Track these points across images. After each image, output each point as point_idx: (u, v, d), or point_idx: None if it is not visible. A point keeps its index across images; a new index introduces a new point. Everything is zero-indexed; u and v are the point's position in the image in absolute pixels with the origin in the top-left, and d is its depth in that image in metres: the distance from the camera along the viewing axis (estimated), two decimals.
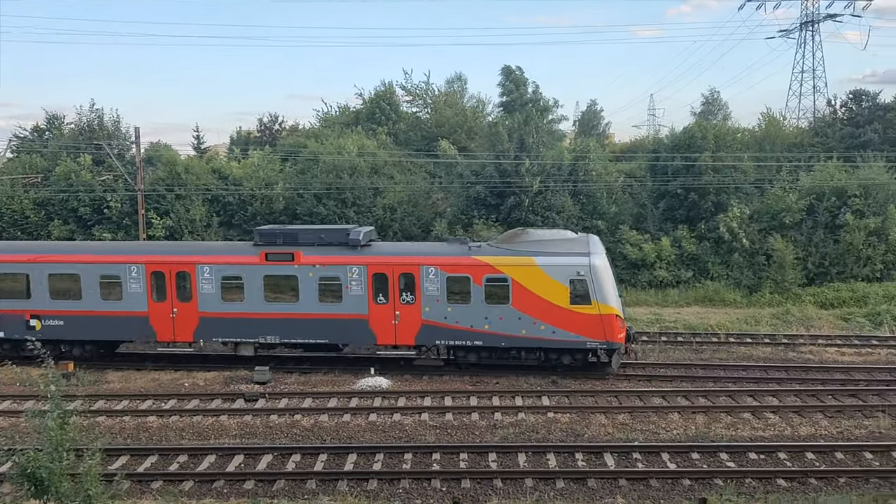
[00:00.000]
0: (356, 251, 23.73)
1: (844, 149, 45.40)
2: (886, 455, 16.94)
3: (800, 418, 19.55)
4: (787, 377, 23.07)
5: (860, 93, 50.31)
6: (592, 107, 78.43)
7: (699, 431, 18.68)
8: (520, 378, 23.31)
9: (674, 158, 41.30)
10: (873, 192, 38.08)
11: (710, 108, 75.96)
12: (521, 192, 39.15)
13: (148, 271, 24.23)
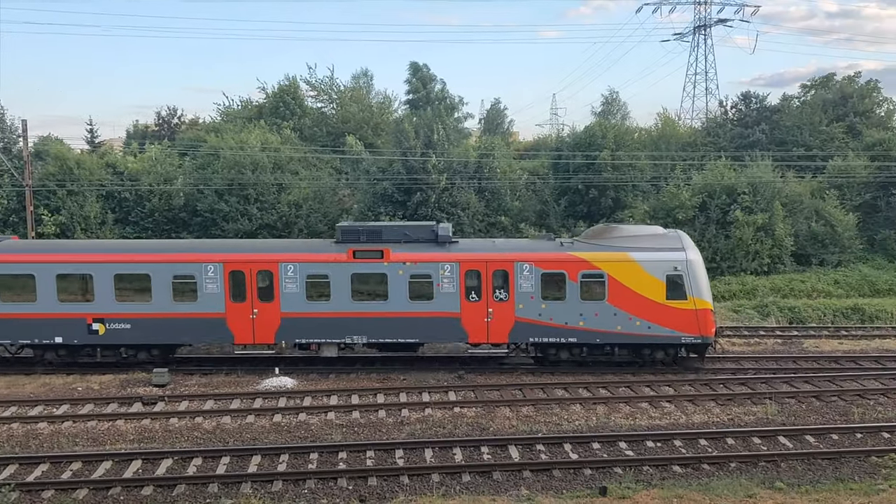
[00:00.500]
0: (445, 248, 23.31)
1: (734, 148, 47.68)
2: (773, 440, 17.86)
3: (694, 406, 20.41)
4: (682, 367, 24.01)
5: (749, 95, 52.90)
6: (496, 105, 79.39)
7: (600, 422, 19.24)
8: (427, 374, 23.44)
9: (575, 157, 42.35)
10: (761, 190, 40.13)
11: (609, 107, 78.19)
12: (427, 189, 39.31)
13: (226, 270, 22.94)
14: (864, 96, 53.15)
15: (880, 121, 53.25)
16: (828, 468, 16.24)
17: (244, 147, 41.50)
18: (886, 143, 46.32)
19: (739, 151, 46.52)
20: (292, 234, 39.39)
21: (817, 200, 41.79)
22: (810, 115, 50.29)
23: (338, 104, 55.32)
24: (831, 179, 43.55)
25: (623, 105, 78.10)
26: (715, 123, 54.23)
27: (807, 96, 56.42)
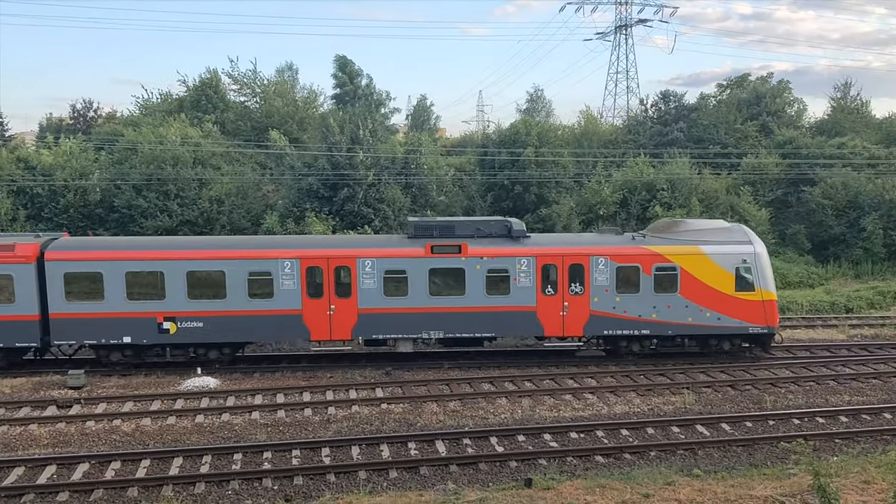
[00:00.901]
0: (520, 242, 23.48)
1: (654, 146, 49.03)
2: (691, 428, 18.46)
3: (616, 397, 20.91)
4: (605, 360, 24.55)
5: (668, 94, 54.48)
6: (423, 101, 79.56)
7: (525, 414, 19.52)
8: (354, 371, 23.33)
9: (500, 153, 42.79)
10: (679, 186, 41.37)
11: (534, 105, 79.34)
12: (354, 185, 39.06)
13: (303, 266, 22.59)
14: (775, 96, 55.39)
15: (791, 120, 55.64)
16: (742, 454, 16.90)
17: (163, 141, 40.37)
18: (796, 141, 48.40)
19: (659, 149, 47.85)
20: (214, 230, 38.55)
21: (732, 196, 43.30)
22: (726, 114, 52.12)
23: (261, 98, 54.39)
24: (745, 176, 45.22)
25: (548, 103, 79.41)
26: (635, 121, 55.64)
27: (722, 96, 58.48)
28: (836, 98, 60.44)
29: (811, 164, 45.38)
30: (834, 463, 16.08)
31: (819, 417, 19.10)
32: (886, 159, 46.23)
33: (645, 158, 44.21)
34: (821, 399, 20.71)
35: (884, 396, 20.90)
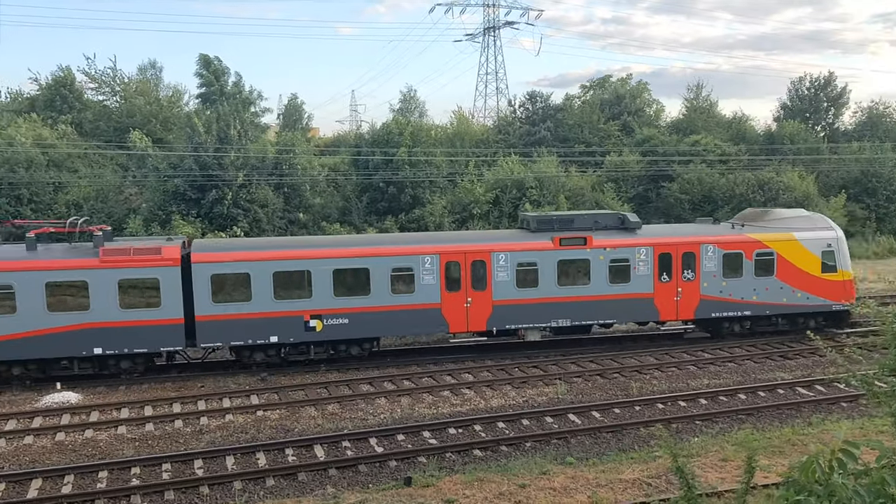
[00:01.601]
0: (636, 234, 24.83)
1: (523, 145, 50.37)
2: (564, 417, 19.08)
3: (492, 391, 21.32)
4: (481, 356, 24.96)
5: (535, 94, 56.07)
6: (294, 100, 78.20)
7: (404, 413, 19.57)
8: (227, 379, 22.65)
9: (374, 153, 42.72)
10: (547, 184, 42.69)
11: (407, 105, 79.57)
12: (223, 186, 37.94)
13: (442, 262, 23.17)
14: (635, 97, 58.13)
15: (649, 119, 58.56)
16: (612, 440, 17.62)
17: (13, 143, 37.76)
18: (655, 139, 50.98)
19: (528, 148, 49.19)
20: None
21: (597, 193, 45.13)
22: (589, 114, 54.23)
23: (122, 97, 51.86)
24: (609, 173, 47.24)
25: (421, 103, 79.79)
26: (505, 122, 56.95)
27: (586, 96, 60.78)
28: (690, 98, 64.15)
29: (669, 161, 47.94)
30: (695, 443, 17.07)
31: (681, 401, 20.17)
32: (735, 156, 49.50)
33: (515, 157, 45.34)
34: (682, 383, 21.89)
35: (738, 378, 22.30)
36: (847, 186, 48.77)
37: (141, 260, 21.43)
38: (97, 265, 21.14)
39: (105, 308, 21.14)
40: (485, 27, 76.00)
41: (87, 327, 21.14)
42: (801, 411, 19.35)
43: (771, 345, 25.65)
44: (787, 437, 17.19)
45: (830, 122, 64.15)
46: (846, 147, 53.94)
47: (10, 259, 21.13)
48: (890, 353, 7.54)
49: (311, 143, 53.54)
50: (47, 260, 21.28)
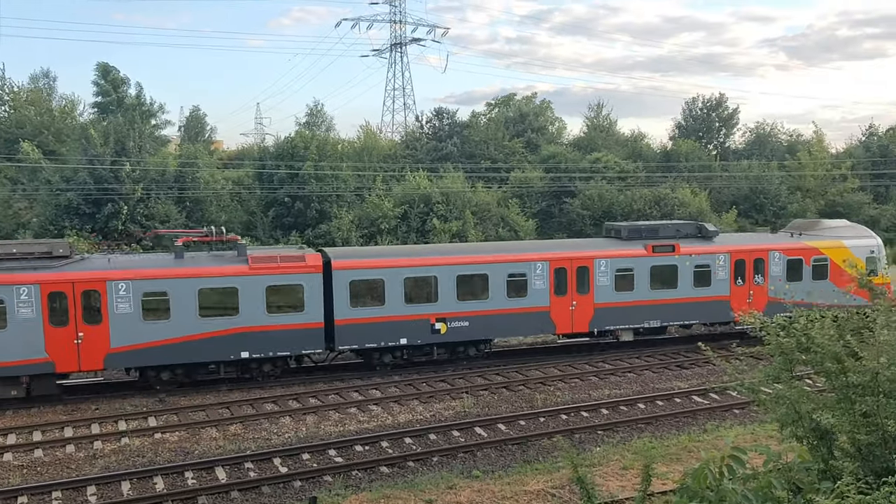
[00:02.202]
0: (714, 241, 27.21)
1: (430, 161, 50.68)
2: (470, 431, 19.20)
3: (399, 407, 21.25)
4: (389, 371, 24.86)
5: (441, 111, 56.62)
6: (197, 112, 76.35)
7: (310, 432, 19.26)
8: (123, 401, 21.73)
9: (279, 167, 42.13)
10: (453, 199, 43.07)
11: (314, 119, 78.90)
12: (120, 200, 36.55)
13: (552, 268, 24.94)
14: (538, 115, 59.50)
15: (552, 137, 60.06)
16: (517, 452, 17.84)
17: None
18: (558, 157, 52.25)
19: (435, 163, 49.54)
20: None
21: (503, 208, 45.85)
22: (495, 131, 55.11)
23: (11, 107, 49.35)
24: (514, 189, 48.07)
25: (328, 117, 79.29)
26: (413, 137, 57.21)
27: (492, 114, 61.79)
28: (591, 117, 66.17)
29: (571, 177, 49.21)
30: (597, 453, 17.48)
31: (583, 411, 20.64)
32: (634, 173, 51.26)
33: (423, 173, 45.58)
34: (585, 394, 22.41)
35: (638, 388, 23.02)
36: (737, 202, 51.23)
37: (287, 267, 22.57)
38: (247, 272, 22.12)
39: (253, 313, 22.14)
40: (392, 43, 76.38)
41: (235, 332, 22.07)
42: (696, 419, 20.12)
43: (668, 355, 26.59)
44: (684, 445, 17.83)
45: (722, 141, 67.46)
46: (736, 165, 56.72)
47: (163, 267, 21.82)
48: (774, 361, 7.95)
49: (215, 156, 52.32)
50: (199, 267, 22.05)
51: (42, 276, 20.51)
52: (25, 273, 20.41)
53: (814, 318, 7.92)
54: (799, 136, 67.36)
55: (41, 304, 20.36)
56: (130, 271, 21.33)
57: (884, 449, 7.06)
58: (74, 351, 20.82)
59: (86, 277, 20.87)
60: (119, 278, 21.02)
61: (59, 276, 20.66)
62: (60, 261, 21.15)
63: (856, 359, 7.47)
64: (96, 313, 20.91)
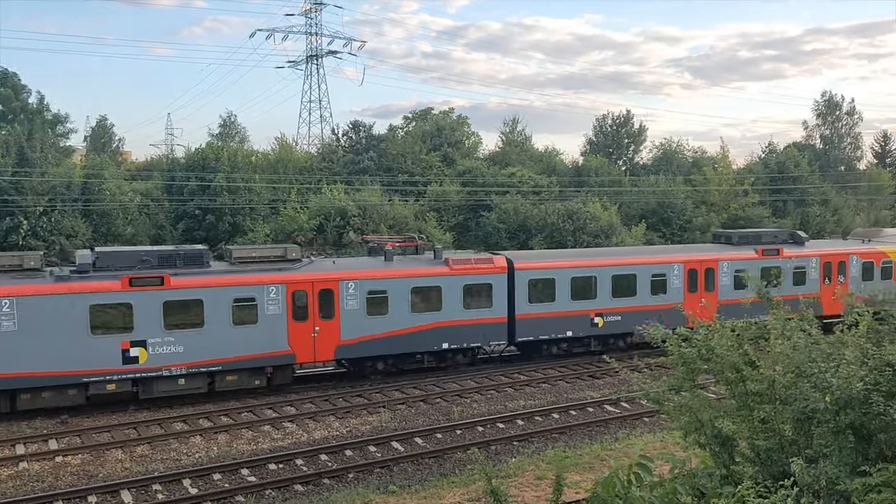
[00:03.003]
0: (805, 246, 31.26)
1: (347, 173, 50.41)
2: (387, 445, 19.09)
3: (315, 423, 20.94)
4: (304, 388, 24.48)
5: (358, 124, 56.44)
6: (104, 122, 73.75)
7: (222, 451, 18.75)
8: (21, 422, 20.66)
9: (189, 179, 41.09)
10: (370, 212, 42.92)
11: (227, 130, 77.43)
12: (20, 214, 34.89)
13: (686, 269, 28.82)
14: (455, 129, 60.02)
15: (469, 151, 60.65)
16: (434, 466, 17.83)
17: None
18: (474, 171, 52.80)
19: (352, 176, 49.31)
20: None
21: (420, 222, 45.94)
22: (412, 145, 55.28)
23: None
24: (431, 203, 48.28)
25: (242, 129, 77.96)
26: (329, 150, 56.80)
27: (409, 127, 61.99)
28: (506, 132, 67.20)
29: (487, 191, 49.79)
30: (513, 464, 17.65)
31: (499, 423, 20.82)
32: (547, 187, 52.27)
33: (340, 186, 45.28)
34: (500, 406, 22.61)
35: (552, 398, 23.39)
36: (646, 216, 52.85)
37: (480, 268, 25.85)
38: (448, 273, 25.17)
39: (452, 309, 25.07)
40: (308, 55, 75.72)
41: (438, 326, 24.88)
42: (608, 428, 20.59)
43: (581, 365, 27.14)
44: (597, 453, 18.20)
45: (630, 157, 69.57)
46: (644, 180, 58.56)
47: (382, 268, 24.54)
48: (677, 371, 8.24)
49: (123, 168, 50.64)
50: (411, 268, 24.99)
51: (287, 276, 22.99)
52: (273, 274, 22.86)
53: (714, 329, 8.23)
54: (703, 153, 70.19)
55: (286, 302, 22.75)
56: (357, 272, 24.14)
57: (781, 453, 7.38)
58: (311, 343, 23.37)
59: (322, 277, 23.43)
60: (349, 278, 23.74)
61: (302, 276, 23.23)
62: (296, 263, 23.73)
63: (754, 368, 7.81)
64: (330, 309, 23.38)
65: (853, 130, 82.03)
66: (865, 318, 7.52)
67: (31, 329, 19.97)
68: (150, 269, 21.53)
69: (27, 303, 19.97)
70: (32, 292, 20.15)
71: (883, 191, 67.01)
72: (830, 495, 6.36)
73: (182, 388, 21.99)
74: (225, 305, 22.07)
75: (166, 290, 21.43)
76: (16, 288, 20.06)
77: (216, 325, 21.99)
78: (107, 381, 21.11)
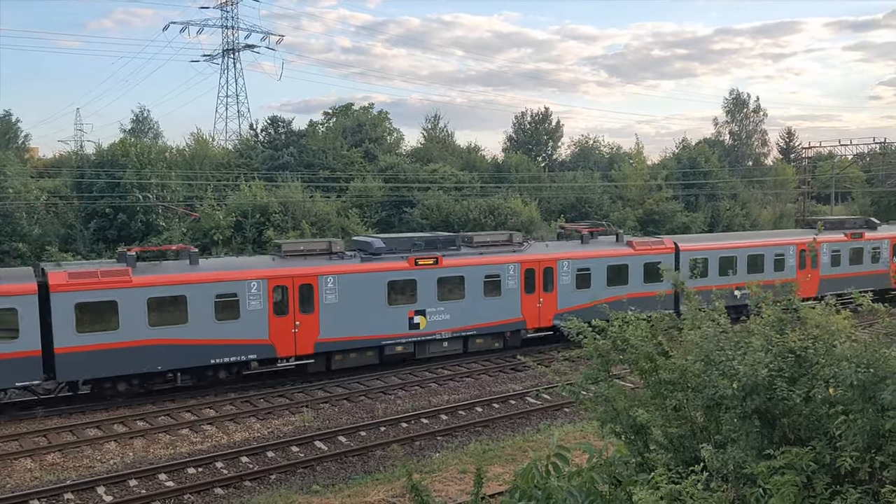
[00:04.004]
0: (878, 230, 36.93)
1: (266, 170, 49.55)
2: (310, 445, 18.89)
3: (235, 425, 20.54)
4: (224, 389, 23.96)
5: (277, 119, 55.56)
6: (7, 117, 70.39)
7: (138, 456, 18.22)
8: None
9: (99, 176, 39.64)
10: (291, 209, 42.32)
11: (140, 125, 75.12)
12: None
13: (797, 251, 33.22)
14: (376, 125, 59.74)
15: (390, 147, 60.46)
16: (358, 464, 17.77)
17: None
18: (396, 167, 52.70)
19: (271, 172, 48.50)
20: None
21: (343, 218, 45.56)
22: (332, 141, 54.75)
23: None
24: (353, 199, 47.94)
25: (155, 124, 75.82)
26: (247, 146, 55.72)
27: (329, 123, 61.38)
28: (428, 129, 67.30)
29: (410, 187, 49.77)
30: (437, 459, 17.73)
31: (423, 418, 20.89)
32: (469, 183, 52.63)
33: (259, 182, 44.46)
34: (424, 401, 22.68)
35: (476, 392, 23.60)
36: (565, 211, 53.79)
37: (656, 249, 30.24)
38: (633, 253, 29.73)
39: (635, 284, 29.06)
40: (224, 49, 74.05)
41: (625, 298, 23.89)
42: (530, 419, 20.92)
43: (504, 358, 27.45)
44: (519, 445, 18.47)
45: (549, 153, 70.72)
46: (563, 176, 59.64)
47: (584, 250, 29.30)
48: (592, 363, 8.43)
49: (28, 165, 48.44)
50: (606, 250, 29.58)
51: (520, 257, 27.54)
52: (509, 255, 27.47)
53: (628, 321, 8.44)
54: (619, 149, 71.95)
55: (520, 278, 27.33)
56: (569, 253, 28.69)
57: (692, 440, 7.64)
58: (537, 313, 27.75)
59: (546, 257, 28.07)
60: (564, 258, 28.32)
61: (530, 256, 27.83)
62: (522, 246, 28.38)
63: (666, 357, 8.05)
64: (550, 283, 27.99)
65: (759, 127, 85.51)
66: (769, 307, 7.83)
67: (348, 301, 24.05)
68: (425, 252, 25.75)
69: (345, 280, 24.03)
70: (349, 271, 24.32)
71: (788, 185, 70.10)
72: (738, 478, 6.62)
73: (445, 349, 26.40)
74: (479, 281, 26.61)
75: (440, 269, 25.89)
76: (337, 267, 24.16)
77: (472, 298, 26.45)
78: (397, 343, 25.40)
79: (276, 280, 23.19)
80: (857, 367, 6.22)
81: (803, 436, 6.71)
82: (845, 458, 6.04)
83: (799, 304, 7.57)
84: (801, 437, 6.71)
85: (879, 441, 6.20)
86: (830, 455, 6.25)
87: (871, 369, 6.20)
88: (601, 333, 8.47)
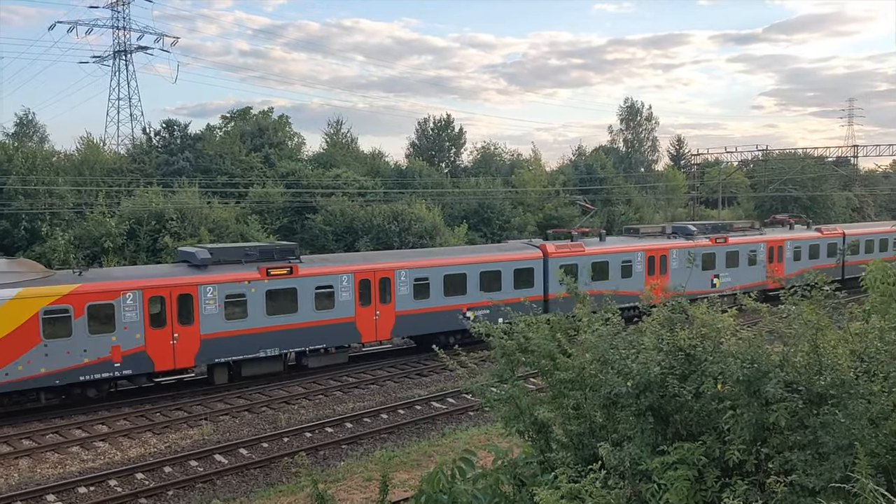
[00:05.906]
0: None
1: (161, 175, 47.89)
2: (209, 459, 18.35)
3: (130, 441, 19.75)
4: (117, 403, 22.98)
5: (172, 123, 53.81)
6: None
7: (24, 477, 17.25)
8: None
9: None
10: (188, 215, 41.03)
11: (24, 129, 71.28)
12: None
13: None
14: (277, 130, 58.71)
15: (291, 152, 59.53)
16: (260, 476, 17.40)
17: None
18: (298, 172, 51.94)
19: (166, 178, 46.93)
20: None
21: (242, 225, 44.52)
22: (231, 145, 53.46)
23: None
24: (253, 205, 46.91)
25: (41, 128, 72.11)
26: (141, 150, 53.76)
27: (227, 127, 59.89)
28: (330, 134, 66.65)
29: (312, 193, 49.13)
30: (342, 467, 17.58)
31: (328, 427, 20.63)
32: (373, 189, 52.43)
33: (155, 188, 42.92)
34: (329, 410, 22.42)
35: (381, 399, 23.50)
36: (468, 217, 54.33)
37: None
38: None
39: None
40: (115, 50, 71.09)
41: None
42: (436, 424, 21.00)
43: (409, 364, 27.46)
44: (425, 450, 18.53)
45: (452, 159, 71.31)
46: (465, 182, 60.23)
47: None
48: (498, 363, 8.55)
49: None
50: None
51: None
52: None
53: (531, 322, 8.61)
54: (519, 156, 73.29)
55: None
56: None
57: (591, 438, 7.84)
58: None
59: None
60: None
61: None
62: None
63: (567, 357, 8.25)
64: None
65: (651, 135, 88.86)
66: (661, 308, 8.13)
67: None
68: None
69: None
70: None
71: (678, 190, 73.13)
72: (634, 475, 6.83)
73: None
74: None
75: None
76: None
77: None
78: None
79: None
80: (742, 363, 6.54)
81: (695, 431, 6.99)
82: (733, 452, 6.32)
83: (686, 305, 7.87)
84: (692, 433, 6.99)
85: (764, 434, 6.53)
86: (720, 449, 6.54)
87: (755, 365, 6.52)
88: (506, 334, 8.60)
